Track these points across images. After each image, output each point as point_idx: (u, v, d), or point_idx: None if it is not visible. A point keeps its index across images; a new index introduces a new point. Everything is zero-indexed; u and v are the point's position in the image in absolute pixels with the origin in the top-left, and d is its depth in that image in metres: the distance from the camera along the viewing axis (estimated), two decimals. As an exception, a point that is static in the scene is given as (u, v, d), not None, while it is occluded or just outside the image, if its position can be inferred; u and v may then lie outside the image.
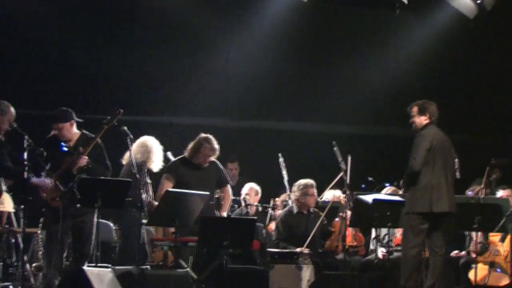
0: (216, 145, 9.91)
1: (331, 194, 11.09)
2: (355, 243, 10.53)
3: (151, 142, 10.23)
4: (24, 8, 12.20)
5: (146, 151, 10.06)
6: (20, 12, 12.21)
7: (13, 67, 12.39)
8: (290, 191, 10.83)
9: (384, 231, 10.16)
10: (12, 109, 8.26)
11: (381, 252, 10.01)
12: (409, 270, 8.70)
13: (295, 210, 10.51)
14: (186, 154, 9.95)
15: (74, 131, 8.89)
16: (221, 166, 10.10)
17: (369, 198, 9.59)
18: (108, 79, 12.99)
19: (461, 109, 13.65)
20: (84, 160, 8.59)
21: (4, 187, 8.82)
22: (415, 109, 8.97)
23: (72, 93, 12.44)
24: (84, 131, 8.95)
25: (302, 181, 10.58)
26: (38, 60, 12.53)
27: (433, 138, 8.75)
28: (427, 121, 8.92)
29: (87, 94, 12.81)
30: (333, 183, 10.91)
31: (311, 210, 10.55)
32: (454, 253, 10.49)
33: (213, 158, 9.96)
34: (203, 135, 9.96)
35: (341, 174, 10.33)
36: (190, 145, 9.98)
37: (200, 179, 9.70)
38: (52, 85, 12.57)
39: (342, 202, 10.57)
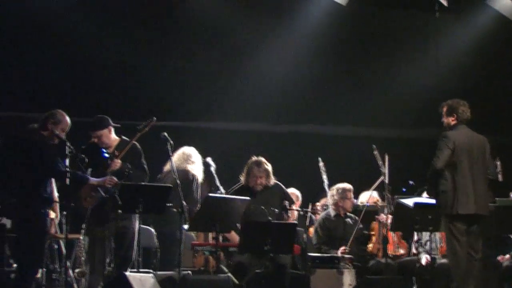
0: (266, 166, 9.89)
1: (366, 196, 11.05)
2: (400, 253, 10.48)
3: (192, 151, 10.28)
4: (59, 12, 12.30)
5: (188, 159, 10.09)
6: (54, 15, 12.30)
7: (48, 73, 12.49)
8: (331, 195, 10.81)
9: (426, 236, 10.08)
10: (67, 118, 8.30)
11: (425, 258, 9.93)
12: (459, 273, 8.56)
13: (332, 213, 10.50)
14: (242, 180, 9.95)
15: (113, 137, 8.94)
16: (284, 189, 10.05)
17: (410, 201, 9.54)
18: (147, 85, 13.05)
19: (503, 110, 13.52)
20: (117, 163, 8.63)
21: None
22: (444, 109, 8.86)
23: (109, 99, 12.52)
24: (123, 137, 8.98)
25: (341, 185, 10.58)
26: (75, 67, 12.63)
27: (456, 139, 8.57)
28: (454, 122, 8.77)
29: (124, 100, 12.87)
30: (373, 186, 10.86)
31: (348, 213, 10.52)
32: (500, 257, 10.36)
33: (271, 181, 9.93)
34: (253, 158, 9.96)
35: (381, 178, 10.28)
36: (244, 171, 9.99)
37: (260, 204, 9.69)
38: (89, 91, 12.68)
39: (377, 205, 10.51)
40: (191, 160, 10.33)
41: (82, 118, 8.98)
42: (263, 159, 9.98)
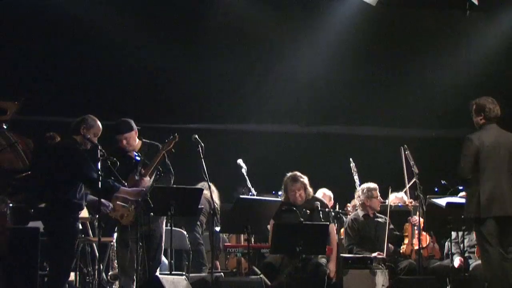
0: (302, 179, 9.89)
1: (393, 197, 11.01)
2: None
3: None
4: (86, 16, 12.39)
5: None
6: (82, 20, 12.39)
7: (75, 77, 12.58)
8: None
9: (459, 236, 10.02)
10: (99, 123, 8.35)
11: (458, 260, 9.88)
12: (492, 274, 8.48)
13: (361, 214, 10.46)
14: (282, 197, 9.98)
15: (137, 140, 8.96)
16: (324, 202, 10.05)
17: (442, 201, 9.48)
18: (177, 87, 13.10)
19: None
20: (146, 181, 8.63)
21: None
22: (473, 108, 8.74)
23: (139, 102, 12.58)
24: (144, 140, 9.00)
25: (365, 185, 10.55)
26: (102, 70, 12.71)
27: (481, 140, 8.43)
28: (483, 121, 8.65)
29: (155, 102, 12.93)
30: (407, 187, 10.82)
31: (377, 214, 10.49)
32: None
33: (310, 194, 9.96)
34: (288, 174, 9.97)
35: (414, 179, 10.23)
36: (282, 188, 10.04)
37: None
38: (119, 94, 12.74)
39: (409, 206, 10.47)
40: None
41: (111, 121, 9.00)
42: (297, 173, 9.96)
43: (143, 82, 12.96)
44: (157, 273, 8.59)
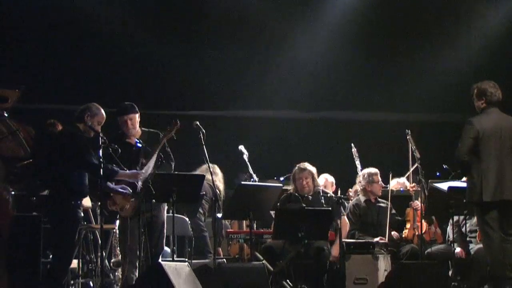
0: (311, 169, 9.93)
1: (395, 182, 11.02)
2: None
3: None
4: (87, 5, 12.37)
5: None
6: (83, 9, 12.38)
7: (79, 63, 12.57)
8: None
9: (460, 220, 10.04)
10: (103, 111, 8.36)
11: (459, 249, 9.88)
12: (494, 257, 8.48)
13: (362, 199, 10.46)
14: (290, 189, 9.99)
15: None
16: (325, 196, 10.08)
17: (444, 186, 9.48)
18: (179, 74, 13.09)
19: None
20: (149, 170, 8.62)
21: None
22: (474, 92, 8.71)
23: (142, 89, 12.57)
24: (143, 128, 8.99)
25: (366, 170, 10.56)
26: (103, 59, 12.68)
27: (481, 124, 8.41)
28: (484, 105, 8.62)
29: (157, 89, 12.92)
30: (409, 171, 10.82)
31: (379, 199, 10.49)
32: None
33: (318, 186, 9.98)
34: (296, 166, 10.00)
35: (416, 163, 10.22)
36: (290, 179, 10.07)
37: None
38: (121, 82, 12.73)
39: (411, 191, 10.47)
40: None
41: (110, 109, 8.99)
42: (306, 163, 9.98)
43: (144, 70, 12.95)
44: (160, 260, 8.60)
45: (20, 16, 12.21)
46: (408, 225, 10.32)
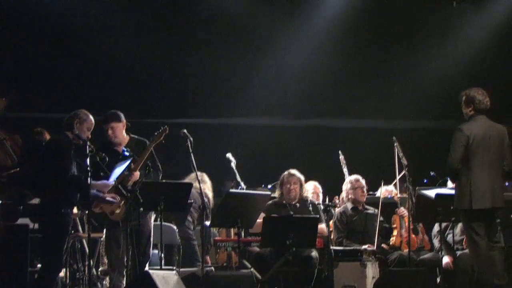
0: (299, 175, 9.97)
1: (383, 189, 11.05)
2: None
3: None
4: (75, 11, 12.35)
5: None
6: (71, 15, 12.35)
7: (66, 71, 12.53)
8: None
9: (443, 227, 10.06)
10: (91, 117, 8.34)
11: (446, 259, 9.88)
12: (482, 264, 8.51)
13: (349, 207, 10.47)
14: (276, 196, 10.01)
15: (125, 134, 8.94)
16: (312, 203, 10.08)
17: (431, 193, 9.49)
18: (166, 81, 13.09)
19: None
20: (136, 176, 8.61)
21: None
22: (462, 99, 8.75)
23: (127, 96, 12.54)
24: (132, 135, 8.98)
25: (350, 177, 10.58)
26: (92, 66, 12.66)
27: (471, 132, 8.46)
28: (472, 112, 8.66)
29: (143, 97, 12.90)
30: (397, 179, 10.83)
31: (366, 206, 10.49)
32: None
33: (305, 194, 10.00)
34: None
35: (403, 170, 10.23)
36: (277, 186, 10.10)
37: None
38: (106, 89, 12.68)
39: (395, 198, 10.49)
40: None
41: (97, 117, 8.97)
42: (295, 170, 10.01)
43: (131, 77, 12.92)
44: (147, 268, 8.58)
45: (6, 22, 12.15)
46: (395, 232, 10.33)
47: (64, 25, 12.42)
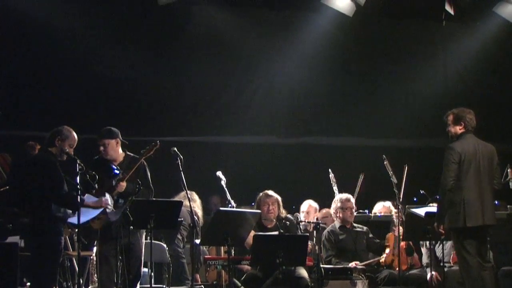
0: (276, 196, 9.98)
1: (381, 206, 11.08)
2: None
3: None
4: (64, 28, 12.32)
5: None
6: (60, 33, 12.33)
7: (53, 91, 12.50)
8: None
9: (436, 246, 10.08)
10: (74, 134, 8.33)
11: (430, 274, 9.89)
12: (472, 283, 8.52)
13: (337, 225, 10.48)
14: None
15: (119, 151, 8.95)
16: (293, 223, 10.06)
17: (421, 211, 9.52)
18: (156, 99, 13.08)
19: (512, 118, 13.53)
20: (123, 186, 8.62)
21: None
22: (450, 118, 8.80)
23: (117, 114, 12.51)
24: (128, 153, 8.99)
25: (339, 196, 10.59)
26: (81, 84, 12.63)
27: (462, 149, 8.53)
28: (462, 130, 8.72)
29: (133, 115, 12.88)
30: (397, 197, 10.86)
31: (355, 225, 10.50)
32: None
33: (283, 212, 9.99)
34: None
35: (393, 189, 10.25)
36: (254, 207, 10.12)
37: None
38: (96, 108, 12.67)
39: (394, 217, 10.49)
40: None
41: (88, 135, 8.97)
42: (271, 191, 10.02)
43: (120, 95, 12.89)
44: (137, 287, 8.56)
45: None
46: (387, 250, 10.31)
47: (52, 43, 12.39)
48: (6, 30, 12.12)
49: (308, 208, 11.12)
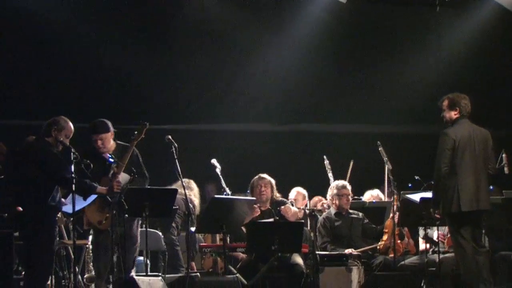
0: (270, 179, 10.01)
1: (368, 195, 11.11)
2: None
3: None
4: (59, 18, 12.27)
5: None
6: (54, 22, 12.27)
7: (48, 80, 12.46)
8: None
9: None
10: (70, 124, 8.31)
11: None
12: (467, 268, 8.55)
13: (333, 212, 10.48)
14: None
15: (111, 141, 8.93)
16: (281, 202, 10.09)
17: (416, 197, 9.54)
18: (149, 88, 13.05)
19: (507, 103, 13.51)
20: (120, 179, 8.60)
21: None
22: (445, 103, 8.80)
23: (110, 103, 12.50)
24: (119, 142, 8.97)
25: (335, 183, 10.58)
26: (75, 73, 12.58)
27: (456, 135, 8.55)
28: (457, 116, 8.72)
29: (126, 104, 12.85)
30: (385, 183, 10.87)
31: (351, 211, 10.50)
32: None
33: (277, 196, 10.03)
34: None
35: (388, 175, 10.26)
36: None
37: None
38: (90, 97, 12.64)
39: (396, 202, 10.49)
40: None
41: (81, 123, 8.94)
42: (265, 174, 10.03)
43: (114, 84, 12.86)
44: (133, 274, 8.57)
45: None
46: (385, 237, 10.30)
47: (47, 32, 12.35)
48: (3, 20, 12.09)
49: (296, 196, 11.14)
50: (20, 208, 8.17)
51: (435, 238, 10.03)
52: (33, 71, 12.40)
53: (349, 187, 10.54)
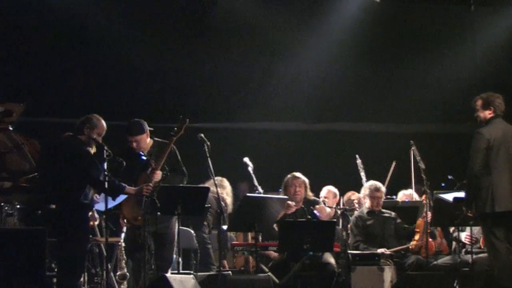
0: (304, 178, 9.99)
1: (401, 195, 11.06)
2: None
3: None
4: (91, 16, 12.33)
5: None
6: (87, 21, 12.34)
7: (81, 78, 12.53)
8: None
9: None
10: (103, 122, 8.35)
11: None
12: (501, 268, 8.49)
13: (365, 211, 10.44)
14: None
15: (148, 140, 8.97)
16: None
17: (449, 196, 9.48)
18: (183, 87, 13.08)
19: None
20: (158, 175, 8.63)
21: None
22: (479, 103, 8.76)
23: (144, 102, 12.56)
24: (156, 139, 9.00)
25: (369, 183, 10.53)
26: (108, 71, 12.63)
27: (491, 134, 8.49)
28: (491, 115, 8.69)
29: (161, 102, 12.90)
30: (412, 183, 10.82)
31: (384, 210, 10.45)
32: None
33: (311, 195, 10.02)
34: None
35: (421, 174, 10.20)
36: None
37: None
38: (124, 95, 12.70)
39: (424, 201, 10.44)
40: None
41: (116, 121, 8.99)
42: (299, 173, 10.02)
43: (148, 82, 12.93)
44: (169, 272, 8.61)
45: (22, 28, 12.18)
46: (417, 237, 10.23)
47: (82, 31, 12.40)
48: (29, 16, 12.15)
49: (327, 194, 11.12)
50: (53, 206, 8.23)
51: (463, 239, 9.96)
52: (66, 69, 12.47)
53: (383, 189, 10.48)
